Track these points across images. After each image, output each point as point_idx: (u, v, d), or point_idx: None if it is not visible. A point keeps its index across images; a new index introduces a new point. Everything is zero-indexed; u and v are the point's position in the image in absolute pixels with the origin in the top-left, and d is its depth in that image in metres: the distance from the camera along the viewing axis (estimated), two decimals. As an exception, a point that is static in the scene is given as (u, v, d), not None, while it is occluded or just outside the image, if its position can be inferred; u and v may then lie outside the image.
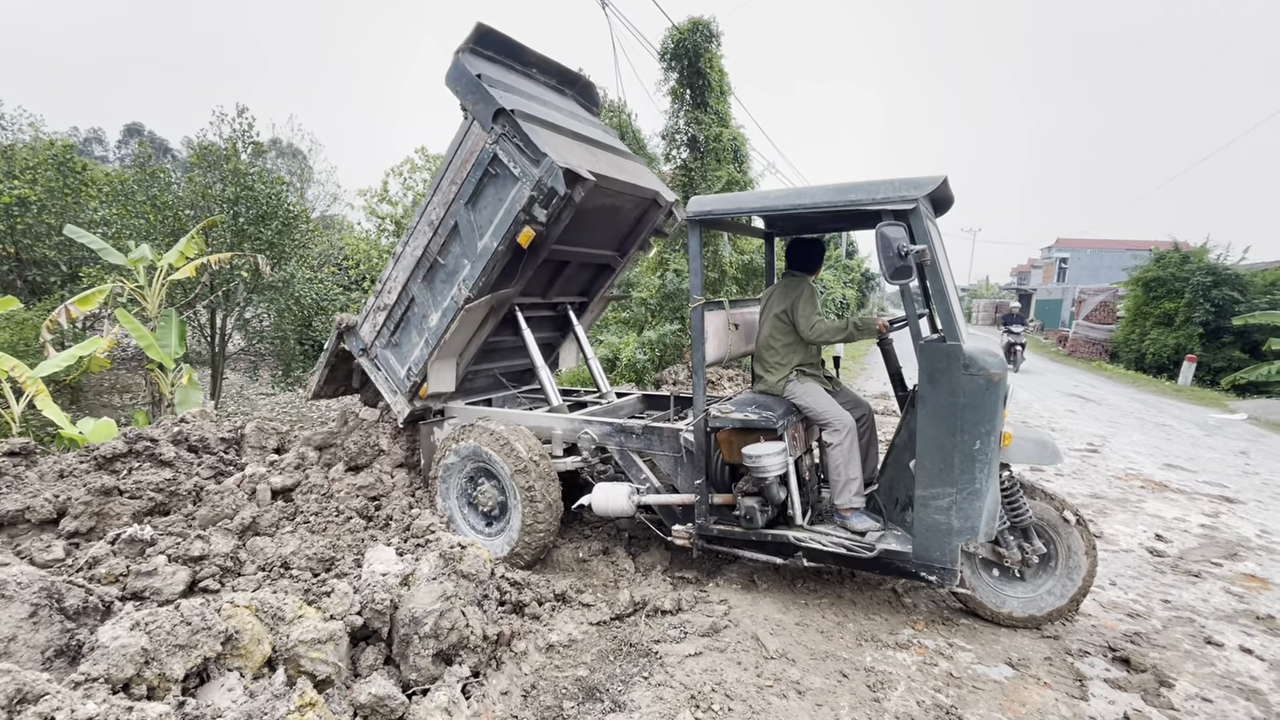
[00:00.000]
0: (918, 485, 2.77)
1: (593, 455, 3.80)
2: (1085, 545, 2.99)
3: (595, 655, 2.85)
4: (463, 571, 2.58)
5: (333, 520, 3.86)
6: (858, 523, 3.16)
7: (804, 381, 3.44)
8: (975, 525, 2.70)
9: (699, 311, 3.24)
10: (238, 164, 12.07)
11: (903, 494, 3.07)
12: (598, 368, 5.07)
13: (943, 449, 2.69)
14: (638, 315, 10.93)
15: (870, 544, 2.98)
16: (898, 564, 2.91)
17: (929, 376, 2.70)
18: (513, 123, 3.49)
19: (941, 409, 2.67)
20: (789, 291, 3.50)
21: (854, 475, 3.18)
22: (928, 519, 2.77)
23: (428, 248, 3.98)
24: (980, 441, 2.63)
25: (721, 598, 3.30)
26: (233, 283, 12.31)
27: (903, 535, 3.02)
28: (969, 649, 2.94)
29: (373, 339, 4.41)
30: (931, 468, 2.73)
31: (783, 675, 2.65)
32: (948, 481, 2.69)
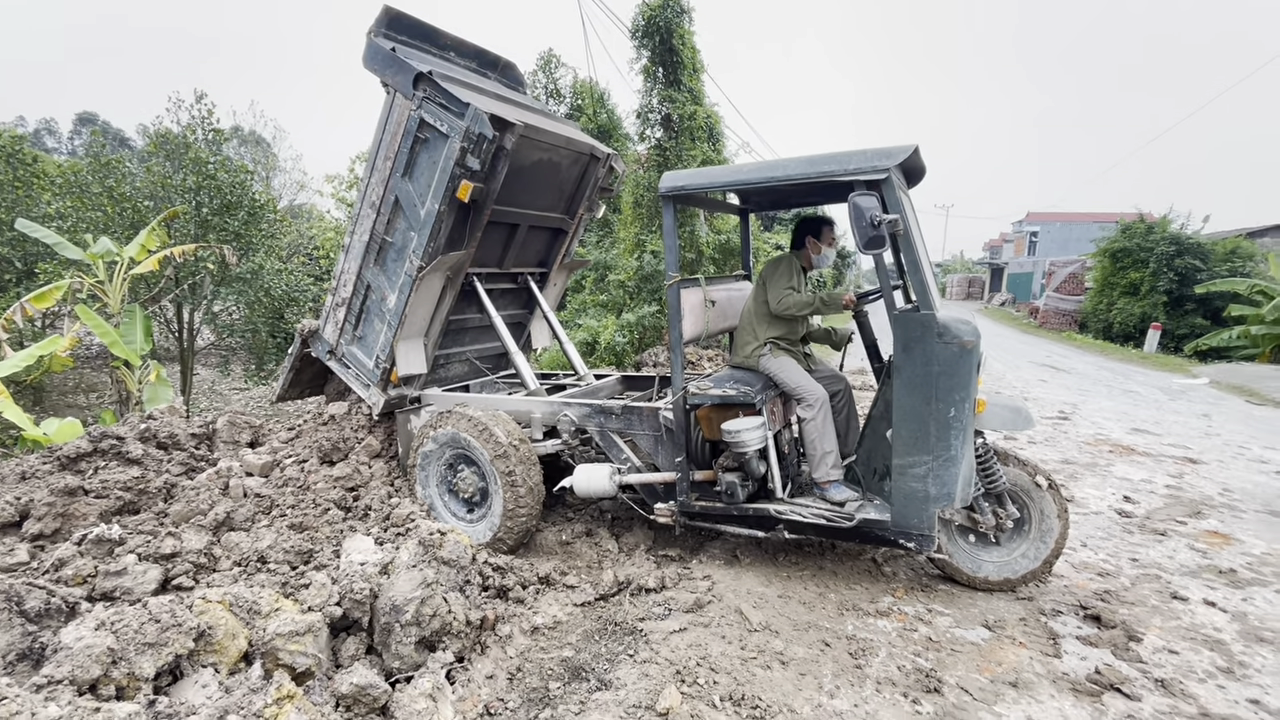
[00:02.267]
0: (895, 454, 2.80)
1: (573, 437, 3.78)
2: (1057, 509, 3.06)
3: (580, 636, 2.86)
4: (443, 558, 2.55)
5: (310, 513, 3.79)
6: (836, 494, 3.19)
7: (778, 355, 3.46)
8: (951, 492, 2.74)
9: (675, 289, 3.22)
10: (198, 152, 11.66)
11: (880, 464, 3.10)
12: (572, 350, 5.04)
13: (918, 417, 2.72)
14: (616, 298, 10.87)
15: (849, 514, 3.01)
16: (877, 532, 2.95)
17: (904, 346, 2.71)
18: (433, 84, 3.54)
19: (916, 378, 2.70)
20: (769, 266, 3.52)
21: (829, 448, 3.21)
22: (905, 487, 2.80)
23: (374, 230, 3.96)
24: (955, 409, 2.66)
25: (705, 574, 3.32)
26: (198, 275, 11.97)
27: (881, 504, 3.06)
28: (947, 614, 3.00)
29: (337, 338, 4.37)
30: (908, 436, 2.76)
31: (766, 647, 2.68)
32: (924, 449, 2.73)
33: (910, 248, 2.71)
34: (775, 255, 3.65)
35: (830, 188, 2.99)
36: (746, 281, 4.40)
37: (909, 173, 3.06)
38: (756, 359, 3.50)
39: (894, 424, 2.78)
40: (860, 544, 3.38)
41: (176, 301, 12.40)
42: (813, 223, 3.57)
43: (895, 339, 2.74)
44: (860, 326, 3.69)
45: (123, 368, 9.61)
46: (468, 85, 3.86)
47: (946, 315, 2.69)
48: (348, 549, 2.59)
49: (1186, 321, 18.05)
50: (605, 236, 12.93)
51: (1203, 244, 18.57)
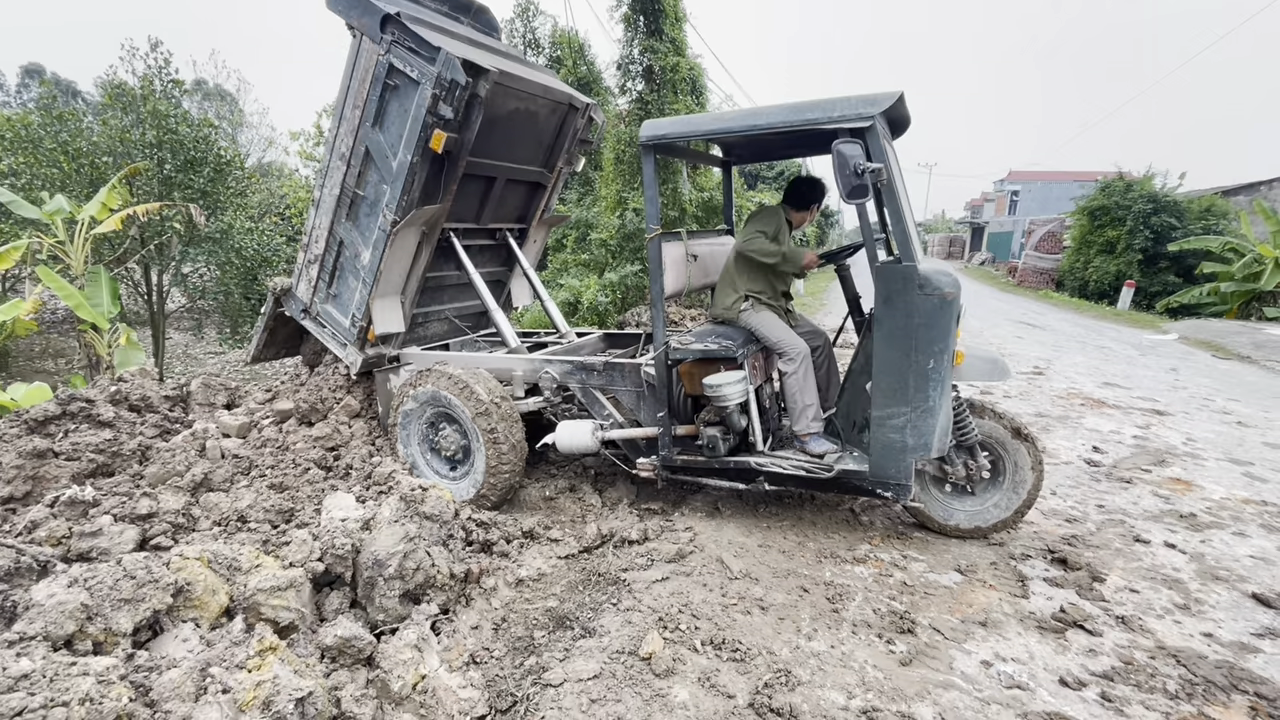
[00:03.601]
0: (874, 405, 2.83)
1: (555, 395, 3.78)
2: (1032, 461, 3.13)
3: (564, 587, 2.90)
4: (425, 513, 2.55)
5: (290, 473, 3.76)
6: (816, 446, 3.23)
7: (759, 310, 3.45)
8: (929, 442, 2.79)
9: (655, 243, 3.17)
10: (155, 104, 11.11)
11: (859, 416, 3.14)
12: (554, 307, 4.98)
13: (898, 369, 2.74)
14: (598, 257, 10.75)
15: (829, 465, 3.06)
16: (855, 482, 3.01)
17: (885, 298, 2.72)
18: (401, 26, 3.39)
19: (897, 330, 2.71)
20: (753, 213, 3.48)
21: (810, 401, 3.23)
22: (883, 438, 2.84)
23: (344, 183, 3.84)
24: (934, 360, 2.69)
25: (687, 525, 3.38)
26: (165, 236, 11.56)
27: (859, 456, 3.11)
28: (921, 559, 3.09)
29: (311, 296, 4.26)
30: (887, 388, 2.78)
31: (746, 594, 2.75)
32: (902, 400, 2.76)
33: (894, 198, 2.69)
34: (763, 205, 3.59)
35: (814, 137, 2.93)
36: (729, 236, 4.34)
37: (894, 123, 3.01)
38: (737, 313, 3.49)
39: (874, 375, 2.81)
40: (839, 494, 3.45)
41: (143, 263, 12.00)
42: (818, 191, 3.52)
43: (877, 291, 2.74)
44: (843, 281, 3.68)
45: (90, 332, 9.35)
46: (439, 29, 3.70)
47: (927, 267, 2.69)
48: (329, 506, 2.57)
49: (1159, 279, 18.37)
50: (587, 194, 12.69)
51: (1179, 202, 18.76)
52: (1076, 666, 2.34)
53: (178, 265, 12.14)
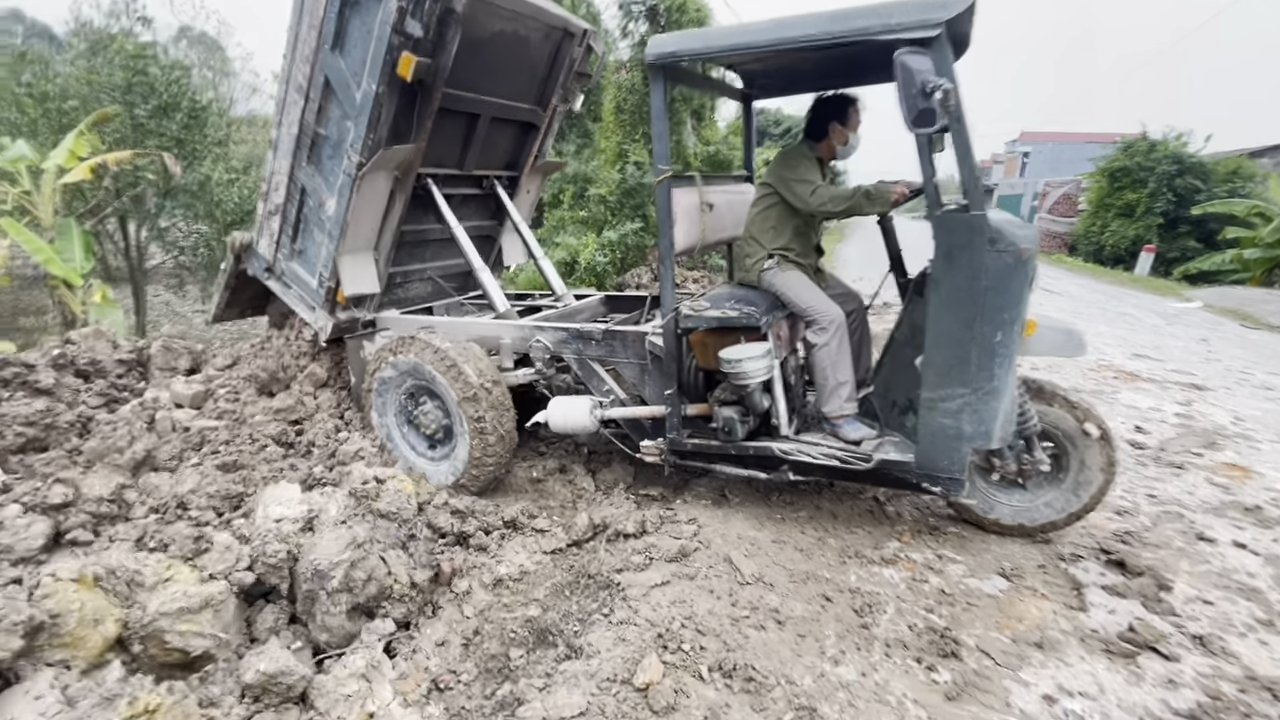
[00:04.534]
0: (925, 385, 2.39)
1: (547, 366, 3.32)
2: (1103, 462, 2.65)
3: (549, 590, 2.52)
4: (381, 510, 2.15)
5: (246, 450, 3.36)
6: (851, 431, 2.80)
7: (785, 269, 2.95)
8: (989, 430, 2.36)
9: (665, 187, 2.67)
10: (123, 44, 10.34)
11: (902, 396, 2.71)
12: (548, 266, 4.45)
13: (957, 342, 2.28)
14: (596, 214, 10.15)
15: (866, 454, 2.63)
16: (897, 474, 2.60)
17: (946, 254, 2.24)
18: None
19: (959, 294, 2.24)
20: (779, 161, 2.96)
21: (844, 378, 2.79)
22: (934, 423, 2.42)
23: (303, 120, 3.32)
24: (1003, 332, 2.23)
25: (690, 516, 2.98)
26: (139, 187, 10.93)
27: (902, 442, 2.68)
28: (959, 560, 2.70)
29: (274, 253, 3.76)
30: (942, 365, 2.34)
31: (760, 603, 2.36)
32: (961, 380, 2.31)
33: (963, 129, 2.17)
34: (786, 146, 3.08)
35: (860, 57, 2.40)
36: (748, 184, 3.81)
37: (954, 41, 2.47)
38: (759, 274, 3.00)
39: (927, 349, 2.36)
40: (877, 486, 3.01)
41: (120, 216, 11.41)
42: (836, 102, 2.96)
43: (937, 246, 2.26)
44: (885, 234, 3.16)
45: (62, 288, 8.86)
46: None
47: (998, 217, 2.21)
48: (266, 501, 2.16)
49: (1178, 244, 17.72)
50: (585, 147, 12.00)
51: (1204, 164, 17.96)
52: (1155, 703, 1.96)
53: (154, 219, 11.55)
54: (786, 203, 2.92)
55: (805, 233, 3.04)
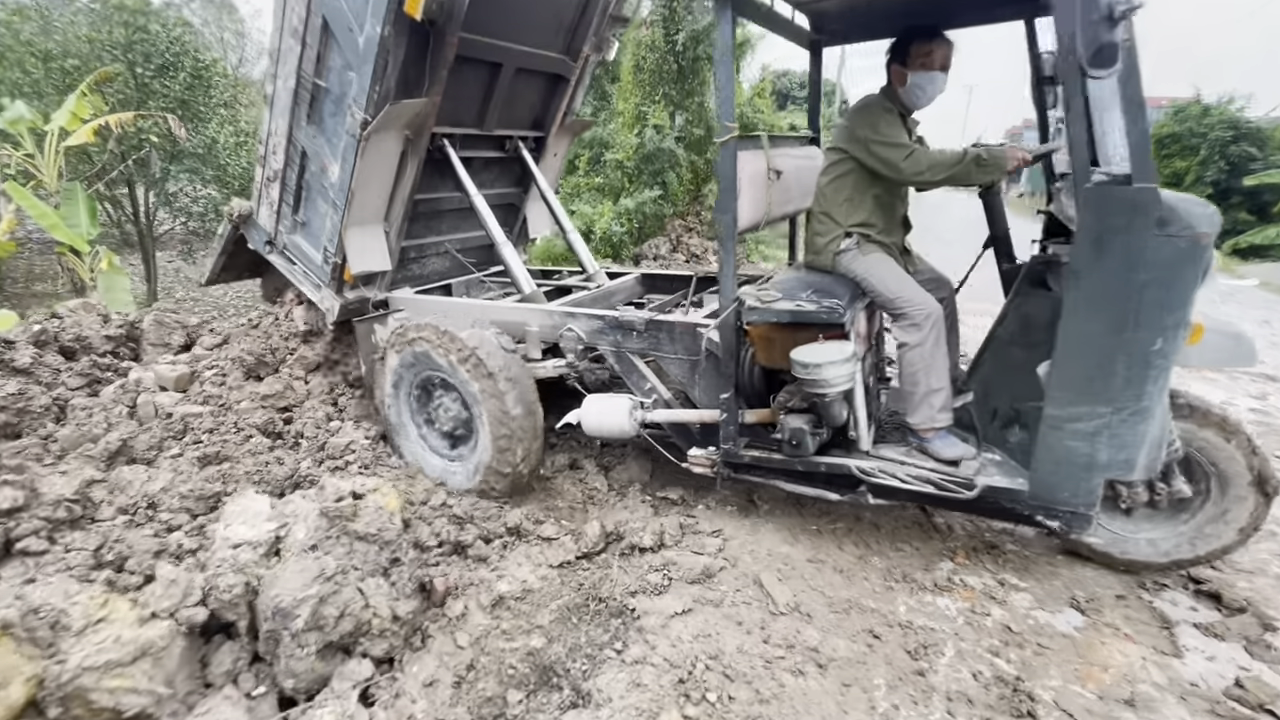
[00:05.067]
0: (1050, 400, 1.97)
1: (580, 358, 2.92)
2: (1247, 518, 2.19)
3: (555, 614, 2.23)
4: (358, 532, 1.85)
5: (230, 440, 3.09)
6: (945, 448, 2.35)
7: (866, 251, 2.50)
8: (1131, 458, 1.93)
9: (730, 149, 2.23)
10: (123, 0, 9.93)
11: (1005, 405, 2.31)
12: (578, 240, 3.98)
13: (1101, 349, 1.85)
14: (613, 181, 9.68)
15: (968, 479, 2.19)
16: (1004, 504, 2.19)
17: (1095, 238, 1.79)
18: None
19: (1110, 289, 1.80)
20: (854, 118, 2.47)
21: (938, 384, 2.33)
22: (1060, 446, 2.00)
23: (300, 70, 2.90)
24: (1163, 339, 1.80)
25: (714, 527, 2.67)
26: (144, 150, 10.65)
27: (1005, 463, 2.27)
28: (1024, 587, 2.36)
29: (274, 224, 3.38)
30: (1077, 376, 1.92)
31: (797, 639, 2.05)
32: (1101, 396, 1.89)
33: (1136, 76, 1.69)
34: (863, 100, 2.53)
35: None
36: (814, 147, 3.30)
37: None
38: (833, 257, 2.55)
39: (1057, 355, 1.92)
40: (978, 517, 2.57)
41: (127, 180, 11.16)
42: (921, 34, 2.39)
43: (1082, 226, 1.80)
44: (987, 209, 2.67)
45: (69, 254, 8.68)
46: None
47: (1171, 194, 1.77)
48: (227, 517, 1.88)
49: (1230, 216, 16.72)
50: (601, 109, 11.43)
51: (1262, 130, 16.86)
52: (1281, 787, 1.63)
53: (161, 183, 11.28)
54: (864, 168, 2.45)
55: (889, 204, 2.55)
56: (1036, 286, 2.21)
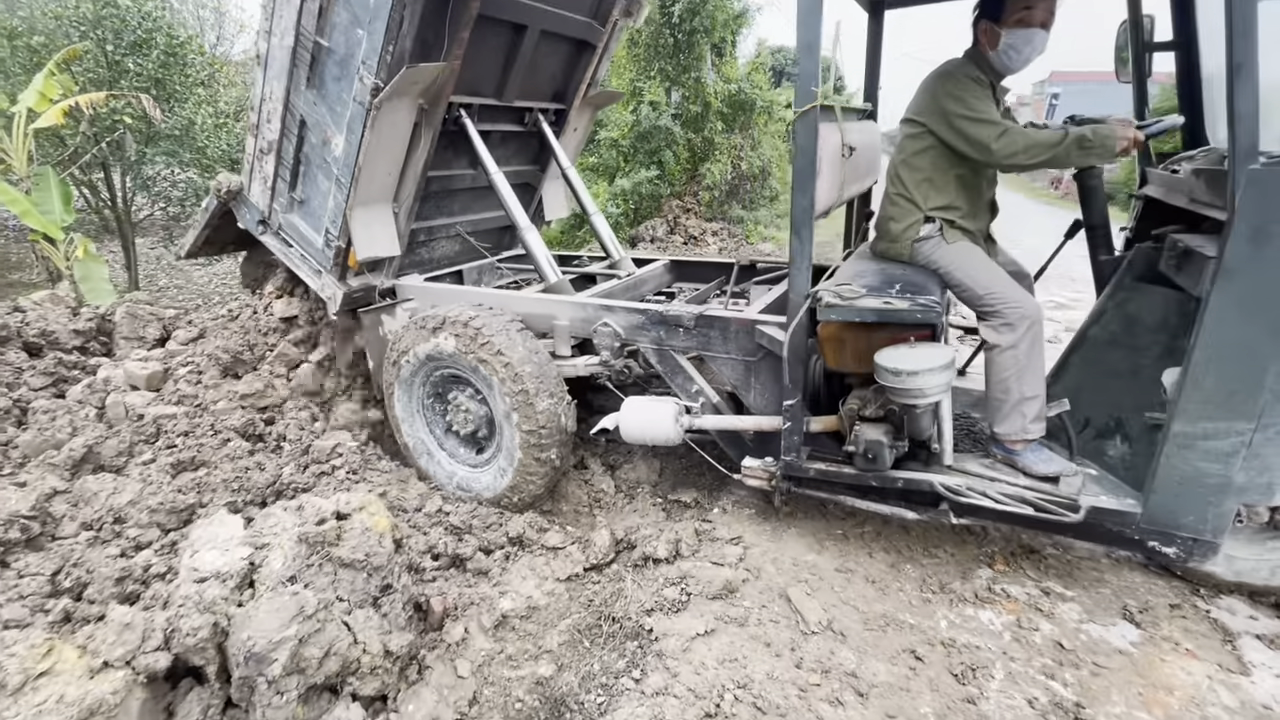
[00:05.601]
0: (1180, 414, 1.75)
1: (615, 356, 2.65)
2: None
3: (564, 636, 2.04)
4: (343, 559, 1.64)
5: (207, 444, 2.86)
6: (1039, 462, 2.09)
7: (952, 239, 2.22)
8: (1274, 482, 1.71)
9: (811, 119, 1.91)
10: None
11: (1101, 413, 2.10)
12: (603, 224, 3.66)
13: (1251, 357, 1.63)
14: (607, 160, 9.37)
15: (1072, 500, 1.94)
16: (1111, 528, 1.94)
17: (1253, 230, 1.55)
18: None
19: (1270, 288, 1.57)
20: (937, 88, 2.14)
21: (1032, 391, 2.05)
22: (1186, 466, 1.79)
23: (300, 27, 2.58)
24: None
25: (733, 534, 2.47)
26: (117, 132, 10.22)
27: (1103, 478, 2.06)
28: (1070, 597, 2.18)
29: (269, 202, 3.08)
30: (1218, 387, 1.69)
31: (832, 662, 1.87)
32: (1244, 411, 1.67)
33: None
34: (945, 66, 2.21)
35: None
36: (871, 121, 3.01)
37: None
38: (911, 245, 2.27)
39: (1191, 364, 1.71)
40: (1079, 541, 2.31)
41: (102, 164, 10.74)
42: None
43: (1242, 215, 1.56)
44: (1084, 194, 2.38)
45: (43, 242, 8.32)
46: None
47: None
48: (194, 542, 1.66)
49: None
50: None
51: (1264, 103, 16.63)
52: (1382, 829, 1.46)
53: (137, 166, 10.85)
54: (946, 145, 2.16)
55: (974, 185, 2.26)
56: (1142, 280, 2.00)
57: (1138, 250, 2.08)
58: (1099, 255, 2.38)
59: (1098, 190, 2.33)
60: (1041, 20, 2.07)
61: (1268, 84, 1.50)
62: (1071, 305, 6.04)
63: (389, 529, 1.77)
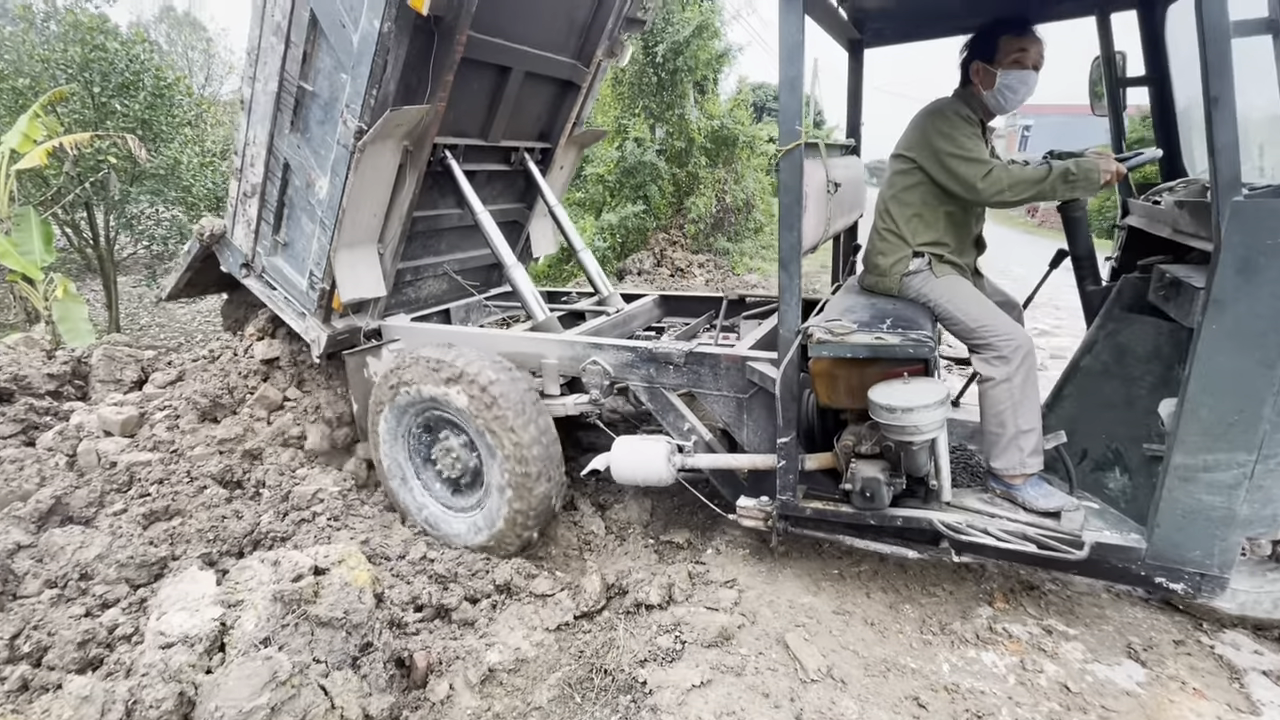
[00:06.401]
0: (1179, 446, 1.73)
1: (604, 394, 2.62)
2: None
3: (554, 691, 1.95)
4: (320, 618, 1.56)
5: (182, 491, 2.77)
6: (1039, 497, 2.05)
7: (940, 273, 2.23)
8: (1277, 514, 1.70)
9: (796, 157, 1.91)
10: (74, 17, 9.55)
11: (1098, 445, 2.08)
12: (591, 260, 3.68)
13: (1247, 388, 1.62)
14: (594, 195, 9.48)
15: (1075, 536, 1.90)
16: (1115, 564, 1.91)
17: (1242, 260, 1.55)
18: None
19: (1261, 319, 1.57)
20: (927, 125, 2.17)
21: (1028, 424, 2.03)
22: (1188, 499, 1.77)
23: (284, 72, 2.61)
24: None
25: (727, 575, 2.41)
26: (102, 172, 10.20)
27: (1104, 512, 2.03)
28: (1073, 635, 2.13)
29: (252, 245, 3.07)
30: (1215, 418, 1.67)
31: (833, 713, 1.80)
32: (1243, 442, 1.65)
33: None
34: (936, 104, 2.24)
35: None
36: (854, 157, 3.04)
37: None
38: (900, 279, 2.28)
39: (1187, 395, 1.69)
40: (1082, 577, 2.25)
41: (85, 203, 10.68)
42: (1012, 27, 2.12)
43: (1229, 247, 1.56)
44: (1068, 225, 2.39)
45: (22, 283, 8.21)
46: None
47: None
48: (163, 602, 1.57)
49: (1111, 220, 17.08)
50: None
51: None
52: None
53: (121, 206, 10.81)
54: (935, 181, 2.19)
55: (963, 221, 2.28)
56: (1131, 311, 2.00)
57: (1125, 280, 2.08)
58: (1086, 285, 2.39)
59: (1082, 221, 2.35)
60: (1034, 62, 2.12)
61: (1246, 117, 1.52)
62: (1054, 332, 6.10)
63: (369, 583, 1.69)
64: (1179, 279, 1.80)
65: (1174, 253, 2.03)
